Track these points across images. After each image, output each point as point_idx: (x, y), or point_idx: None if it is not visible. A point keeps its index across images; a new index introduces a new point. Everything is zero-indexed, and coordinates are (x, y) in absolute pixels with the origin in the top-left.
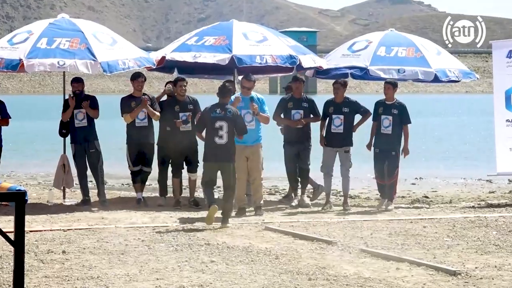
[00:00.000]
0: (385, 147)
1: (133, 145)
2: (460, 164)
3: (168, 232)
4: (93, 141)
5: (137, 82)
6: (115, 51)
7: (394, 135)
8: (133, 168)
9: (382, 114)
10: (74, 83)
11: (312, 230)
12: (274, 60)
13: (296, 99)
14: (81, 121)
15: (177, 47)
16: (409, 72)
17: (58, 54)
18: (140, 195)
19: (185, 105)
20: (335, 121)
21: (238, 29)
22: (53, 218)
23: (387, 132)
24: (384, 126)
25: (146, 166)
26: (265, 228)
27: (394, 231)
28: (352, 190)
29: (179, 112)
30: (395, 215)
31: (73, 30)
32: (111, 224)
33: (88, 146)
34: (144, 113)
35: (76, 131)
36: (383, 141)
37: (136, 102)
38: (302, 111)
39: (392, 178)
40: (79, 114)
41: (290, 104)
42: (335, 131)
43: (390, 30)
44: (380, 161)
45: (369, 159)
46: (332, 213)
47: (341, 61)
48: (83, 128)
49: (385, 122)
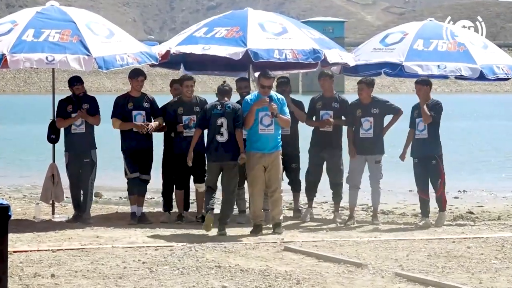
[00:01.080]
0: (423, 155)
1: (130, 152)
2: (510, 175)
3: (173, 253)
4: (89, 150)
5: (136, 82)
6: (112, 44)
7: (431, 139)
8: (130, 175)
9: (417, 118)
10: (78, 84)
11: (339, 251)
12: (295, 55)
13: (326, 98)
14: (78, 127)
15: (184, 40)
16: (451, 69)
17: (47, 48)
18: (135, 208)
19: (191, 107)
20: (364, 124)
21: (254, 19)
22: (40, 237)
23: (422, 137)
24: (418, 130)
25: (145, 174)
26: (285, 248)
27: (434, 252)
28: (385, 204)
29: (183, 115)
30: (434, 233)
31: (64, 20)
32: (107, 243)
33: (83, 155)
34: (142, 116)
35: (72, 138)
36: (420, 147)
37: (134, 103)
38: (332, 112)
39: (438, 191)
40: (78, 120)
41: (319, 104)
42: (364, 135)
43: (429, 20)
44: (420, 172)
45: (405, 169)
46: (362, 231)
47: (372, 56)
48: (81, 135)
49: (420, 125)
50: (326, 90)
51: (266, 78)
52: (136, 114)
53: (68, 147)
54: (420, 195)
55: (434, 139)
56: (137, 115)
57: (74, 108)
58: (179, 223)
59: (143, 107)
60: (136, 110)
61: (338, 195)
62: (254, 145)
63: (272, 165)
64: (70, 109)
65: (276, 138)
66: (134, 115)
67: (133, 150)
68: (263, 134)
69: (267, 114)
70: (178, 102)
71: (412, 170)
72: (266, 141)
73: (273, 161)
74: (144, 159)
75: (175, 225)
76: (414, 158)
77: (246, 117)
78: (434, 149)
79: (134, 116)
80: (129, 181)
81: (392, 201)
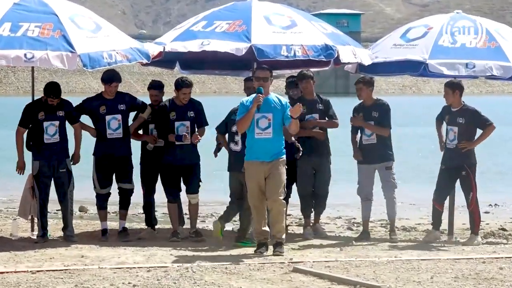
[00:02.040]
0: (452, 164)
1: (102, 160)
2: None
3: (168, 275)
4: (64, 159)
5: (109, 87)
6: (98, 40)
7: (462, 148)
8: (100, 190)
9: (448, 125)
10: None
11: (355, 272)
12: (305, 52)
13: (308, 100)
14: (52, 136)
15: (180, 35)
16: (481, 68)
17: (26, 43)
18: (106, 225)
19: (184, 111)
20: (366, 129)
21: (259, 11)
22: (18, 256)
23: (451, 147)
24: (449, 140)
25: (126, 182)
26: (294, 269)
27: (462, 274)
28: (406, 220)
29: (175, 121)
30: (462, 253)
31: (45, 12)
32: (93, 264)
33: (57, 165)
34: (118, 121)
35: (44, 148)
36: (449, 157)
37: (107, 106)
38: (317, 114)
39: (471, 205)
40: (51, 127)
41: (304, 108)
42: (367, 142)
43: (456, 13)
44: (444, 181)
45: (427, 179)
46: (381, 250)
47: (392, 53)
48: (54, 145)
49: (450, 134)
50: (308, 93)
51: (261, 70)
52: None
53: (39, 155)
54: (434, 204)
55: (466, 150)
56: (112, 121)
57: (47, 116)
58: (175, 240)
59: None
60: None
61: (322, 206)
62: (252, 153)
63: (272, 175)
64: (42, 116)
65: (276, 144)
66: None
67: (106, 158)
68: (259, 138)
69: (264, 117)
70: (170, 106)
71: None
72: (264, 147)
73: (273, 170)
74: (122, 166)
75: (170, 243)
76: (441, 165)
77: (241, 119)
78: (465, 157)
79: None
80: (98, 196)
81: (415, 216)
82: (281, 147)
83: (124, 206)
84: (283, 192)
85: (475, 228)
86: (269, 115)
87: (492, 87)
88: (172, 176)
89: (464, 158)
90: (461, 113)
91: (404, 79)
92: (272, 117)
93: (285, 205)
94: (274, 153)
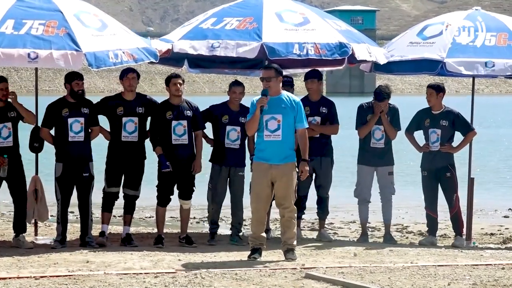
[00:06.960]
0: (435, 167)
1: (114, 162)
2: None
3: (176, 281)
4: (88, 163)
5: (127, 80)
6: (105, 38)
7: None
8: (108, 189)
9: (429, 128)
10: (78, 80)
11: (369, 279)
12: (318, 50)
13: (313, 102)
14: (77, 134)
15: (188, 33)
16: (501, 66)
17: (29, 42)
18: (106, 228)
19: (181, 110)
20: (375, 133)
21: (270, 8)
22: (21, 262)
23: (433, 149)
24: (431, 142)
25: (132, 189)
26: (306, 275)
27: (480, 281)
28: (418, 224)
29: (172, 120)
30: (481, 258)
31: (49, 9)
32: (98, 269)
33: (81, 168)
34: (134, 124)
35: (68, 147)
36: (430, 160)
37: (124, 107)
38: (319, 118)
39: (454, 208)
40: (75, 124)
41: (306, 109)
42: (375, 145)
43: (475, 9)
44: (430, 186)
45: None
46: (396, 256)
47: (408, 51)
48: (79, 144)
49: (433, 137)
50: (313, 93)
51: (264, 69)
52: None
53: (64, 156)
54: (427, 212)
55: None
56: (129, 123)
57: (71, 112)
58: (160, 247)
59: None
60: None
61: (326, 210)
62: (261, 155)
63: (281, 179)
64: (66, 112)
65: (287, 147)
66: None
67: (120, 161)
68: (269, 141)
69: (273, 118)
70: (166, 105)
71: None
72: (273, 150)
73: (284, 174)
74: (132, 172)
75: (178, 247)
76: (423, 171)
77: (248, 122)
78: (447, 158)
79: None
80: (105, 195)
81: (410, 220)
82: (292, 150)
83: (128, 211)
84: (293, 198)
85: (460, 229)
86: (278, 116)
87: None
88: (169, 184)
89: (447, 159)
90: (444, 115)
91: (421, 78)
92: (281, 118)
93: (295, 211)
94: (285, 157)
